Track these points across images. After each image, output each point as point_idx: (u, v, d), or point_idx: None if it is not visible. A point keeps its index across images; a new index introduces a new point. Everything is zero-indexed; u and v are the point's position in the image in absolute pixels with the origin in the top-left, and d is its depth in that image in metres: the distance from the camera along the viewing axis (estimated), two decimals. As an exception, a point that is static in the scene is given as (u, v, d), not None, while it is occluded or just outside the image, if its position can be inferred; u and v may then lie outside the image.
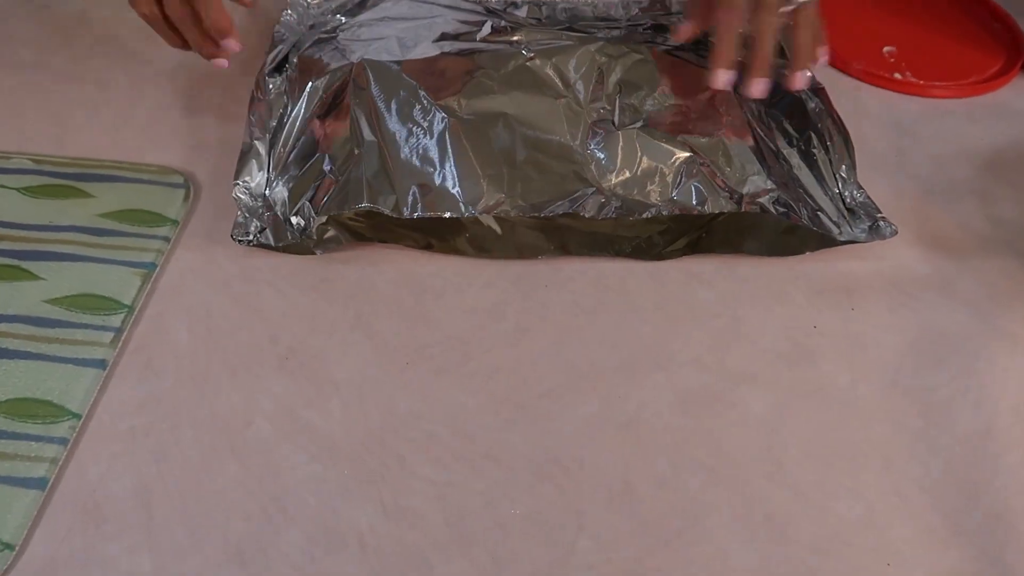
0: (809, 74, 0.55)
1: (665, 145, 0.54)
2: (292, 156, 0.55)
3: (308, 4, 0.68)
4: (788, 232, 0.55)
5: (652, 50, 0.59)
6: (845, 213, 0.56)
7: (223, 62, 0.58)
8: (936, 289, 0.54)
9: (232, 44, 0.58)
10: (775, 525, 0.43)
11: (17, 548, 0.40)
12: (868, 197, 0.57)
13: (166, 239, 0.53)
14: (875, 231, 0.55)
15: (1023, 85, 0.69)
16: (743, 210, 0.53)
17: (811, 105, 0.61)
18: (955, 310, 0.53)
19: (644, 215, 0.53)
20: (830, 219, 0.55)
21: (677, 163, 0.54)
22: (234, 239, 0.53)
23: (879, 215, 0.56)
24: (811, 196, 0.56)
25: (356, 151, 0.53)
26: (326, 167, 0.54)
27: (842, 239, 0.54)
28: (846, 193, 0.57)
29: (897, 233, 0.55)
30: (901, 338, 0.51)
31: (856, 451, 0.46)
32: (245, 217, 0.54)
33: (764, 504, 0.44)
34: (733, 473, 0.45)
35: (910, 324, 0.52)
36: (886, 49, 0.71)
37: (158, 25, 0.57)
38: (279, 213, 0.54)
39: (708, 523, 0.43)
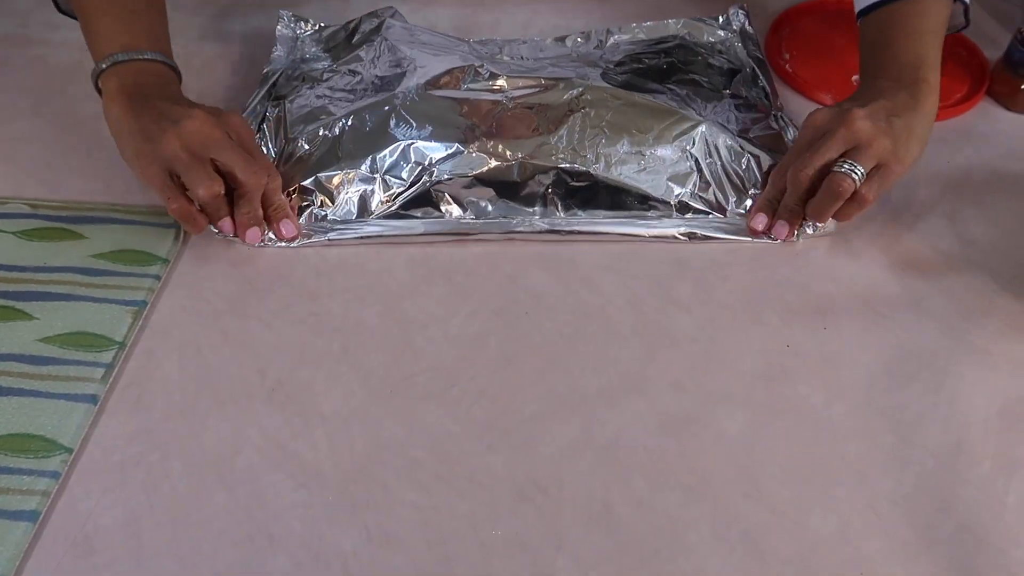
0: (785, 230, 0.57)
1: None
2: None
3: (298, 36, 0.71)
4: None
5: (629, 95, 0.61)
6: None
7: (292, 228, 0.57)
8: (907, 308, 0.55)
9: (291, 228, 0.57)
10: (752, 541, 0.44)
11: (9, 580, 0.41)
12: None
13: (157, 277, 0.55)
14: None
15: (988, 109, 0.71)
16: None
17: (788, 138, 0.63)
18: (926, 327, 0.54)
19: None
20: None
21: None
22: None
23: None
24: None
25: None
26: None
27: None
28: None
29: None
30: (873, 356, 0.52)
31: (830, 467, 0.47)
32: None
33: (741, 521, 0.45)
34: (710, 491, 0.46)
35: (882, 342, 0.53)
36: (855, 78, 0.73)
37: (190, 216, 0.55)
38: None
39: (686, 540, 0.44)
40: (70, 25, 0.77)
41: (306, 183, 0.57)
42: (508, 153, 0.58)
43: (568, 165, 0.58)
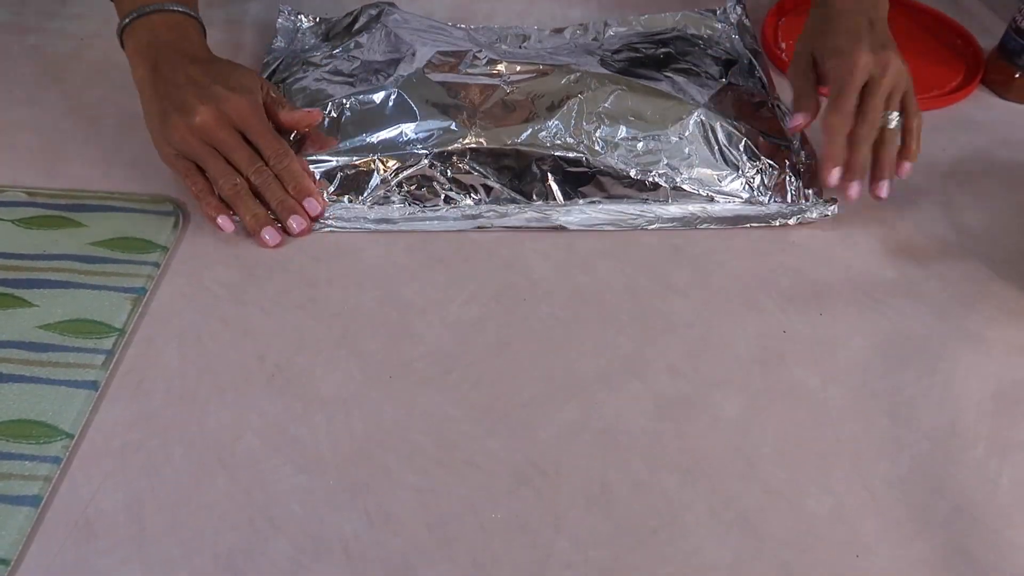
0: (886, 185, 0.59)
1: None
2: None
3: (298, 28, 0.71)
4: None
5: (628, 81, 0.62)
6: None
7: (302, 222, 0.56)
8: (902, 293, 0.56)
9: (315, 205, 0.57)
10: (748, 522, 0.44)
11: (12, 563, 0.41)
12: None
13: (156, 264, 0.55)
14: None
15: (983, 98, 0.72)
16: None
17: (785, 125, 0.63)
18: (920, 313, 0.54)
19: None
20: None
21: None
22: None
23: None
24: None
25: None
26: None
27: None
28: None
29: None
30: (868, 340, 0.53)
31: (826, 450, 0.47)
32: None
33: (737, 502, 0.45)
34: (707, 474, 0.46)
35: (877, 327, 0.54)
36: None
37: (206, 198, 0.56)
38: None
39: (683, 522, 0.44)
40: (67, 14, 0.77)
41: None
42: (505, 138, 0.58)
43: (565, 152, 0.58)
